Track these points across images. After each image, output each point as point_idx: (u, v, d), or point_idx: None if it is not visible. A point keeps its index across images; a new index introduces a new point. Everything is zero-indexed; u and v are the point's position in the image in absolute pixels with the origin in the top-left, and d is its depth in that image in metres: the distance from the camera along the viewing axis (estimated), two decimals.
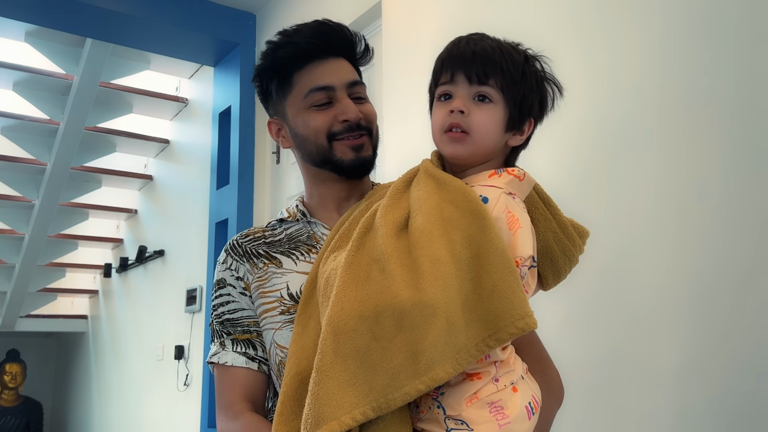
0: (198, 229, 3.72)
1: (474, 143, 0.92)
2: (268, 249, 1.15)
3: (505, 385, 0.85)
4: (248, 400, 1.08)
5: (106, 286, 5.20)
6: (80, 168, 4.24)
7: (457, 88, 0.93)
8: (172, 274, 4.07)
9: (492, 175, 0.92)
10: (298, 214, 1.18)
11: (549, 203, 1.00)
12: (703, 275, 1.45)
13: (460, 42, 0.96)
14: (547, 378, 1.02)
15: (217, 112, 3.59)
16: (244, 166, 3.34)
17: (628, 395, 1.57)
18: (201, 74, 3.98)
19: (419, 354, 0.75)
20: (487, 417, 0.82)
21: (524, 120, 0.96)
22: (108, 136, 4.20)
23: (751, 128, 1.39)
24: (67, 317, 5.56)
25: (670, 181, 1.53)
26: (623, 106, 1.65)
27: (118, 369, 4.80)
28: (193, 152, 4.03)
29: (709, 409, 1.41)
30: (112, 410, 4.82)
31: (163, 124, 4.45)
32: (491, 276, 0.80)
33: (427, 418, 0.85)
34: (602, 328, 1.64)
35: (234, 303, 1.14)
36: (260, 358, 1.11)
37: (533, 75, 0.96)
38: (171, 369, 3.86)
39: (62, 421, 5.96)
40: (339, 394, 0.75)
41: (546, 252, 0.98)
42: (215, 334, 1.15)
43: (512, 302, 0.79)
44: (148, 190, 4.70)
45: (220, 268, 1.17)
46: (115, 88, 3.92)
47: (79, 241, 4.90)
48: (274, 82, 1.16)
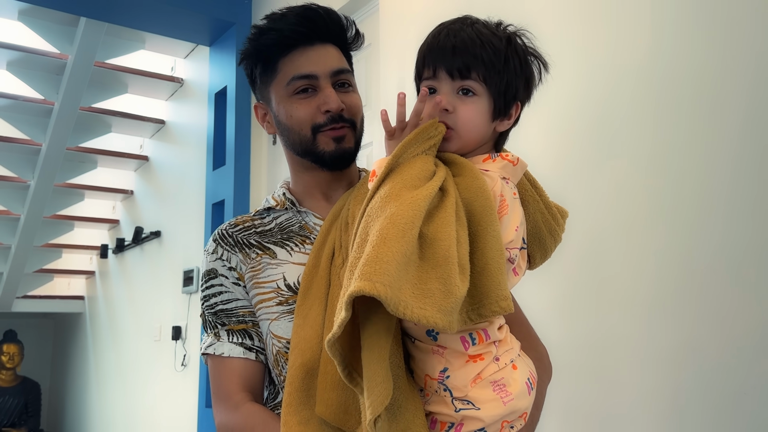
0: (194, 210, 3.71)
1: (461, 138, 0.94)
2: (260, 239, 1.14)
3: (505, 363, 0.88)
4: (247, 390, 1.07)
5: (103, 267, 5.20)
6: (75, 148, 4.22)
7: (440, 83, 0.94)
8: (169, 255, 4.07)
9: (486, 160, 0.94)
10: (286, 202, 1.17)
11: (535, 185, 1.02)
12: (694, 254, 1.45)
13: (440, 34, 0.95)
14: (537, 354, 1.04)
15: (212, 92, 3.57)
16: (240, 146, 3.33)
17: (620, 375, 1.58)
18: (196, 54, 3.95)
19: (451, 295, 0.75)
20: (491, 396, 0.85)
21: (510, 105, 0.97)
22: (103, 117, 4.18)
23: (737, 111, 1.39)
24: (63, 298, 5.57)
25: (659, 161, 1.53)
26: (608, 88, 1.64)
27: (115, 349, 4.81)
28: (188, 133, 4.01)
29: (701, 388, 1.42)
30: (110, 390, 4.85)
31: (158, 105, 4.42)
32: (485, 255, 0.83)
33: (434, 401, 0.87)
34: (594, 309, 1.65)
35: (227, 293, 1.12)
36: (257, 347, 1.10)
37: (516, 58, 0.95)
38: (168, 350, 3.88)
39: (60, 401, 5.99)
40: (389, 265, 0.73)
41: (535, 232, 1.01)
42: (208, 325, 1.13)
43: (499, 283, 0.81)
44: (144, 170, 4.69)
45: (210, 258, 1.14)
46: (109, 68, 3.89)
47: (75, 222, 4.90)
48: (258, 68, 1.14)
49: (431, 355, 0.87)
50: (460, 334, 0.86)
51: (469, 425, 0.85)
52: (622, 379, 1.58)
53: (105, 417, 4.91)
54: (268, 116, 1.18)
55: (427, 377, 0.87)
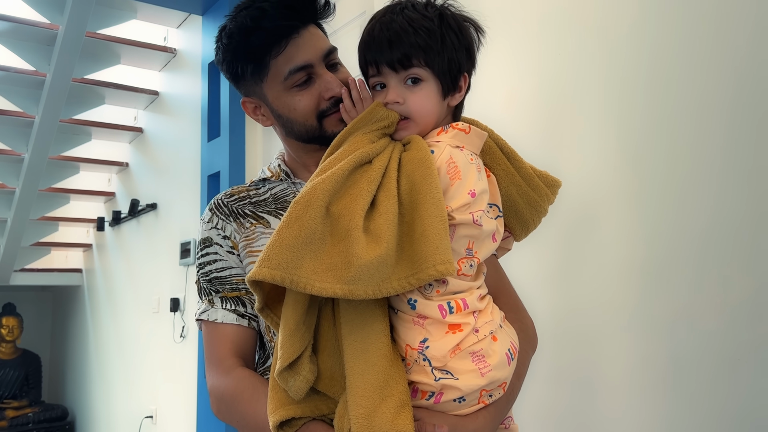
0: (190, 182, 3.70)
1: (418, 125, 0.97)
2: (255, 209, 1.16)
3: (485, 335, 0.89)
4: (239, 356, 1.10)
5: (100, 239, 5.20)
6: (69, 121, 4.18)
7: (386, 77, 0.97)
8: (165, 227, 4.06)
9: (440, 132, 0.97)
10: (281, 173, 1.19)
11: (512, 156, 1.03)
12: (687, 221, 1.45)
13: (374, 29, 0.97)
14: (522, 326, 1.05)
15: (206, 62, 3.53)
16: (235, 117, 3.30)
17: (613, 343, 1.59)
18: (189, 23, 3.90)
19: (350, 265, 0.82)
20: (470, 366, 0.87)
21: (458, 79, 0.99)
22: (96, 88, 4.13)
23: (730, 77, 1.37)
24: (61, 271, 5.57)
25: (651, 127, 1.52)
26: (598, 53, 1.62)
27: (114, 322, 4.84)
28: (183, 104, 3.97)
29: (696, 355, 1.43)
30: (110, 362, 4.88)
31: (151, 76, 4.37)
32: (423, 221, 0.85)
33: (414, 370, 0.88)
34: (586, 277, 1.65)
35: (222, 261, 1.14)
36: (250, 314, 1.12)
37: (452, 32, 0.96)
38: (167, 321, 3.89)
39: (60, 373, 6.04)
40: (277, 250, 0.82)
41: (510, 205, 1.03)
42: (203, 291, 1.16)
43: (437, 247, 0.83)
44: (138, 142, 4.66)
45: (206, 227, 1.17)
46: (101, 39, 3.84)
47: (70, 195, 4.87)
48: (248, 68, 1.11)
49: (412, 326, 0.89)
50: (438, 302, 0.88)
51: (449, 394, 0.87)
52: (614, 348, 1.59)
53: (105, 388, 4.95)
54: (261, 110, 1.17)
55: (408, 347, 0.89)
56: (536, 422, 1.73)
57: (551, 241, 1.73)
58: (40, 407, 5.45)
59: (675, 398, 1.46)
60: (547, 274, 1.75)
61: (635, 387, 1.54)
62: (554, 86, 1.77)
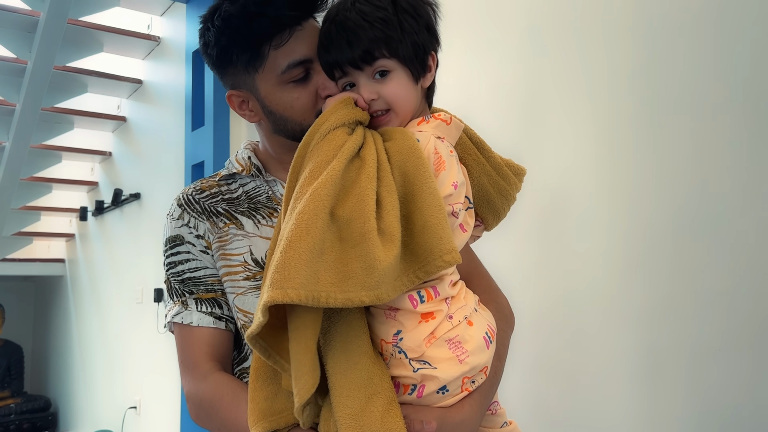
0: (174, 171, 3.67)
1: (399, 114, 0.96)
2: (228, 207, 1.10)
3: (459, 320, 0.88)
4: (216, 360, 1.06)
5: (83, 229, 5.15)
6: (51, 109, 4.13)
7: (353, 77, 0.95)
8: (149, 217, 4.03)
9: (420, 122, 0.96)
10: (252, 168, 1.12)
11: (482, 146, 1.02)
12: (665, 211, 1.46)
13: (330, 31, 0.95)
14: (498, 306, 1.04)
15: (190, 50, 3.49)
16: (219, 106, 3.27)
17: (591, 333, 1.60)
18: (173, 11, 3.85)
19: (373, 270, 0.78)
20: (447, 354, 0.85)
21: (425, 61, 0.97)
22: (79, 76, 4.08)
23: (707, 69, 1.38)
24: (44, 261, 5.53)
25: (626, 122, 1.52)
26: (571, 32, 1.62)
27: (97, 312, 4.80)
28: (166, 93, 3.94)
29: (675, 345, 1.44)
30: (93, 353, 4.85)
31: (135, 64, 4.33)
32: (423, 213, 0.83)
33: (393, 364, 0.86)
34: (563, 266, 1.66)
35: (195, 261, 1.09)
36: (227, 316, 1.08)
37: (408, 16, 0.94)
38: (151, 312, 3.87)
39: (43, 364, 6.00)
40: (297, 268, 0.75)
41: (482, 195, 1.02)
42: (174, 292, 1.10)
43: (441, 238, 0.82)
44: (122, 131, 4.61)
45: (175, 224, 1.10)
46: (84, 26, 3.79)
47: (53, 184, 4.83)
48: (244, 56, 1.03)
49: (385, 320, 0.88)
50: (408, 293, 0.86)
51: (430, 385, 0.85)
52: (593, 338, 1.60)
53: (88, 379, 4.92)
54: (249, 104, 1.09)
55: (382, 341, 0.87)
56: (520, 412, 1.74)
57: (531, 233, 1.73)
58: (23, 398, 5.42)
59: (654, 388, 1.48)
60: (527, 265, 1.76)
61: (614, 377, 1.55)
62: (535, 79, 1.77)
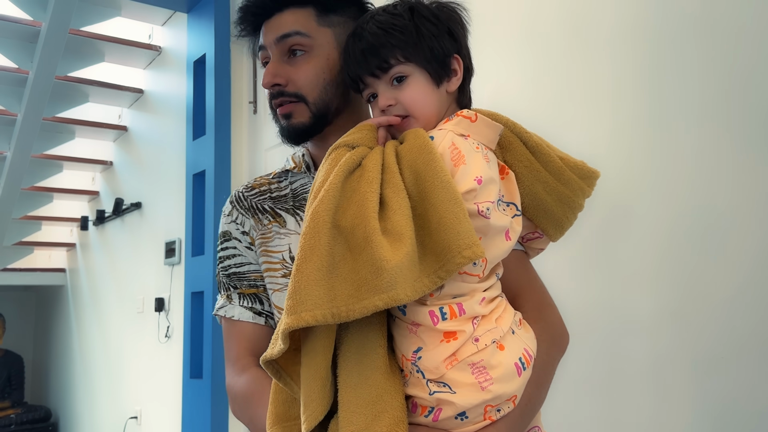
0: (175, 180, 3.67)
1: (419, 119, 0.93)
2: (274, 205, 1.12)
3: (486, 344, 0.81)
4: (254, 355, 1.07)
5: (84, 239, 5.15)
6: (52, 119, 4.14)
7: (373, 87, 0.95)
8: (150, 226, 4.03)
9: (445, 122, 0.92)
10: (303, 165, 1.13)
11: (538, 151, 0.94)
12: (678, 221, 1.45)
13: (349, 45, 0.96)
14: (546, 325, 0.96)
15: (191, 60, 3.50)
16: (220, 116, 3.27)
17: (602, 340, 1.59)
18: (174, 21, 3.87)
19: (382, 271, 0.75)
20: (469, 379, 0.80)
21: (447, 64, 0.94)
22: (80, 86, 4.09)
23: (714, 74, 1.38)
24: (45, 271, 5.52)
25: (639, 126, 1.52)
26: None
27: (98, 322, 4.79)
28: (168, 102, 3.94)
29: (682, 352, 1.44)
30: (94, 363, 4.84)
31: (136, 74, 4.34)
32: (437, 209, 0.79)
33: (411, 383, 0.82)
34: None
35: (240, 257, 1.13)
36: (267, 312, 1.10)
37: (426, 21, 0.93)
38: (152, 321, 3.86)
39: (43, 374, 5.98)
40: (307, 290, 0.75)
41: (537, 204, 0.94)
42: (222, 286, 1.14)
43: (458, 233, 0.77)
44: (123, 141, 4.62)
45: (226, 221, 1.15)
46: (85, 36, 3.80)
47: (54, 194, 4.82)
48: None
49: (408, 334, 0.83)
50: (430, 308, 0.82)
51: (447, 410, 0.80)
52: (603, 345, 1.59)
53: (89, 389, 4.90)
54: None
55: (403, 357, 0.83)
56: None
57: None
58: (23, 408, 5.39)
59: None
60: None
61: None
62: (541, 83, 1.77)
